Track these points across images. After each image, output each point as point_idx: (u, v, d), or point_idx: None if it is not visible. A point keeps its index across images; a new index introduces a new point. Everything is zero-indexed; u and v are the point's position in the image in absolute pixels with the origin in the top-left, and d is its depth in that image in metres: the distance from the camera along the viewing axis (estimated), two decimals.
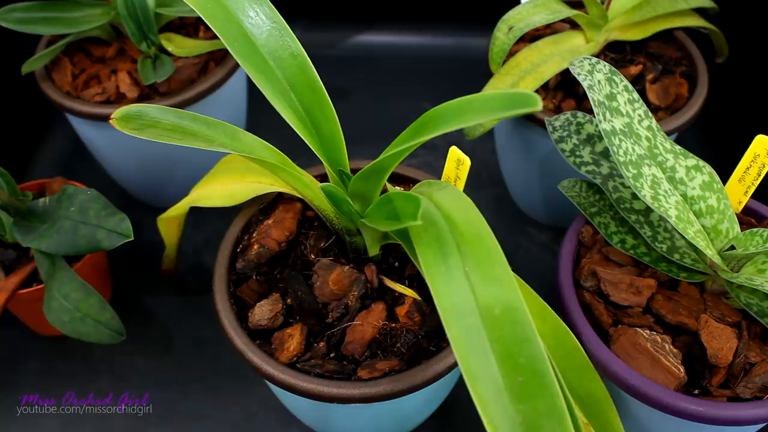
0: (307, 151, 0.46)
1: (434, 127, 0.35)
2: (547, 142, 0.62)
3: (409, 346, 0.45)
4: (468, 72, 0.87)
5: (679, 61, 0.69)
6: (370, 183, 0.42)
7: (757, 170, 0.49)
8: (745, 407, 0.43)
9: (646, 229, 0.49)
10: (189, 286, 0.72)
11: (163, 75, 0.64)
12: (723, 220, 0.48)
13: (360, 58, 0.98)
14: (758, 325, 0.47)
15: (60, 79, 0.69)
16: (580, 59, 0.48)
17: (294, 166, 0.46)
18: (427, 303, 0.47)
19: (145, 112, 0.42)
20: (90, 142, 0.73)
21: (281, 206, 0.53)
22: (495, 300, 0.32)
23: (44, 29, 0.67)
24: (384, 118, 0.88)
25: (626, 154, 0.45)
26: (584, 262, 0.51)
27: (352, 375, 0.44)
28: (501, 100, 0.31)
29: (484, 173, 0.82)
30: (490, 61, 0.63)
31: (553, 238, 0.76)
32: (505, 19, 0.62)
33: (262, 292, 0.49)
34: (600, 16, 0.63)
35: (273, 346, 0.46)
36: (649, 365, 0.45)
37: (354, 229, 0.47)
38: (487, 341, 0.31)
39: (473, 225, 0.36)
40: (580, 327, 0.47)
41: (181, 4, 0.68)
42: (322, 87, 0.45)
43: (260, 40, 0.44)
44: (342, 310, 0.46)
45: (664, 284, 0.50)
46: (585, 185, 0.54)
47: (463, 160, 0.45)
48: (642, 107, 0.49)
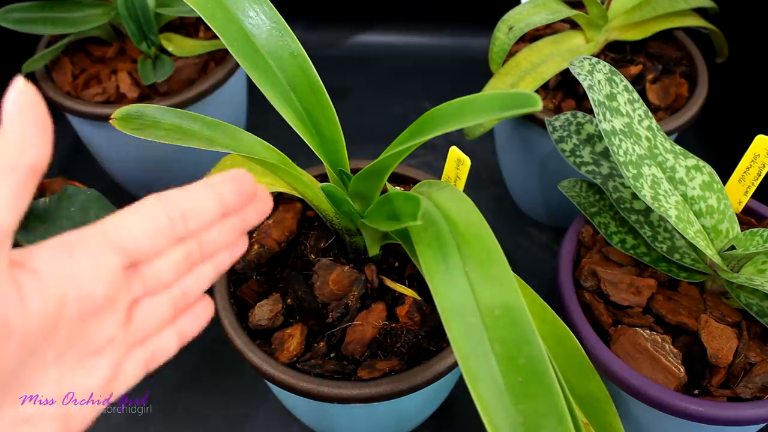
0: (307, 151, 0.46)
1: (434, 127, 0.35)
2: (547, 142, 0.62)
3: (409, 346, 0.45)
4: (468, 72, 0.87)
5: (679, 61, 0.69)
6: (370, 183, 0.42)
7: (757, 170, 0.49)
8: (745, 407, 0.43)
9: (646, 229, 0.49)
10: None
11: (163, 75, 0.64)
12: (723, 220, 0.48)
13: (360, 58, 0.98)
14: (758, 325, 0.47)
15: (60, 79, 0.69)
16: (580, 59, 0.48)
17: (294, 166, 0.46)
18: (427, 303, 0.47)
19: (145, 112, 0.42)
20: (90, 142, 0.73)
21: (281, 206, 0.53)
22: (495, 300, 0.32)
23: (44, 29, 0.67)
24: (384, 118, 0.88)
25: (626, 154, 0.45)
26: (584, 262, 0.51)
27: (352, 375, 0.44)
28: (501, 100, 0.31)
29: (484, 173, 0.82)
30: (490, 61, 0.63)
31: (553, 238, 0.76)
32: (505, 19, 0.62)
33: (262, 292, 0.49)
34: (600, 16, 0.63)
35: (273, 346, 0.46)
36: (649, 365, 0.45)
37: (354, 229, 0.47)
38: (487, 341, 0.31)
39: (473, 225, 0.36)
40: (580, 327, 0.47)
41: (181, 4, 0.68)
42: (322, 87, 0.45)
43: (260, 40, 0.44)
44: (342, 310, 0.46)
45: (664, 284, 0.50)
46: (585, 185, 0.54)
47: (463, 160, 0.45)
48: (642, 107, 0.49)
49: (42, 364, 0.25)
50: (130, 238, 0.27)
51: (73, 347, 0.26)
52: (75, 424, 0.27)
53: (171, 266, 0.29)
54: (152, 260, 0.29)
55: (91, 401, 0.27)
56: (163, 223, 0.28)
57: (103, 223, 0.27)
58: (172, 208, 0.28)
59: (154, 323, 0.30)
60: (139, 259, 0.28)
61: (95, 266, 0.25)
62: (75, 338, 0.26)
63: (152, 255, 0.28)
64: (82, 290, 0.25)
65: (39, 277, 0.24)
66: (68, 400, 0.26)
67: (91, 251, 0.26)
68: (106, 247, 0.26)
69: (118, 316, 0.27)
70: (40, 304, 0.23)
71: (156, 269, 0.29)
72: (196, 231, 0.29)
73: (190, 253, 0.30)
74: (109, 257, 0.26)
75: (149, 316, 0.29)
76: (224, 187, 0.29)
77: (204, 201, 0.29)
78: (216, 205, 0.29)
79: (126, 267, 0.27)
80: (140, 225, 0.27)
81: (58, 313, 0.24)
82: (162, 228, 0.28)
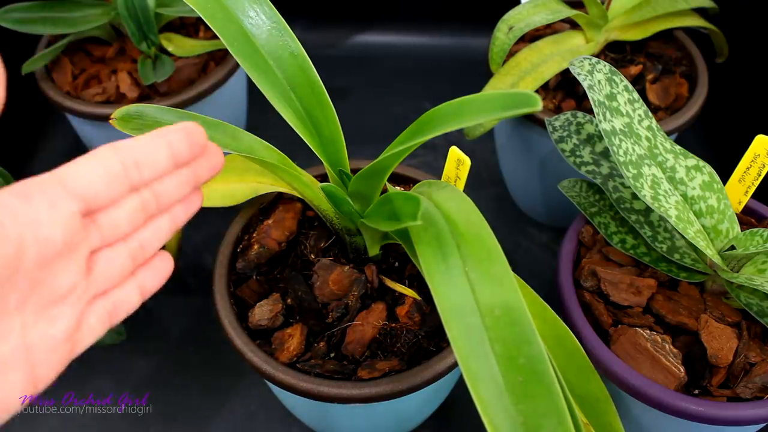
0: (307, 151, 0.46)
1: (434, 127, 0.35)
2: (547, 142, 0.62)
3: (409, 346, 0.45)
4: (468, 72, 0.87)
5: (679, 61, 0.69)
6: (370, 183, 0.42)
7: (757, 170, 0.49)
8: (745, 407, 0.43)
9: (646, 229, 0.49)
10: (189, 286, 0.72)
11: (163, 75, 0.64)
12: (723, 220, 0.48)
13: (360, 58, 0.98)
14: (758, 325, 0.47)
15: (60, 79, 0.69)
16: (580, 59, 0.48)
17: (294, 166, 0.46)
18: (427, 303, 0.47)
19: (145, 112, 0.42)
20: (90, 142, 0.73)
21: (281, 206, 0.53)
22: (495, 300, 0.32)
23: (44, 29, 0.67)
24: (384, 118, 0.88)
25: (626, 154, 0.45)
26: (584, 262, 0.51)
27: (352, 375, 0.44)
28: (501, 100, 0.31)
29: (484, 173, 0.82)
30: (490, 61, 0.63)
31: (553, 238, 0.76)
32: (505, 19, 0.62)
33: (262, 292, 0.49)
34: (600, 16, 0.63)
35: (273, 346, 0.46)
36: (649, 365, 0.45)
37: (354, 229, 0.47)
38: (487, 341, 0.31)
39: (473, 225, 0.36)
40: (580, 327, 0.47)
41: (181, 4, 0.68)
42: (322, 87, 0.45)
43: (260, 40, 0.44)
44: (342, 310, 0.46)
45: (664, 284, 0.50)
46: (585, 185, 0.54)
47: (463, 160, 0.45)
48: (642, 107, 0.49)
49: (4, 310, 0.26)
50: (87, 184, 0.28)
51: (34, 293, 0.27)
52: (42, 373, 0.27)
53: (127, 216, 0.30)
54: (108, 209, 0.30)
55: (56, 351, 0.28)
56: (118, 169, 0.29)
57: (59, 170, 0.28)
58: (125, 156, 0.29)
59: (114, 274, 0.31)
60: (96, 206, 0.29)
61: (53, 211, 0.26)
62: (36, 284, 0.26)
63: (108, 202, 0.29)
64: (41, 234, 0.26)
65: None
66: (33, 349, 0.27)
67: (48, 197, 0.27)
68: (63, 193, 0.27)
69: (78, 264, 0.28)
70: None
71: (113, 218, 0.30)
72: (150, 180, 0.30)
73: (146, 203, 0.31)
74: (66, 202, 0.27)
75: (109, 267, 0.30)
76: (174, 136, 0.31)
77: (155, 149, 0.30)
78: (167, 153, 0.31)
79: (83, 214, 0.28)
80: (96, 171, 0.28)
81: (17, 257, 0.25)
82: (116, 174, 0.29)
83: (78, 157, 0.29)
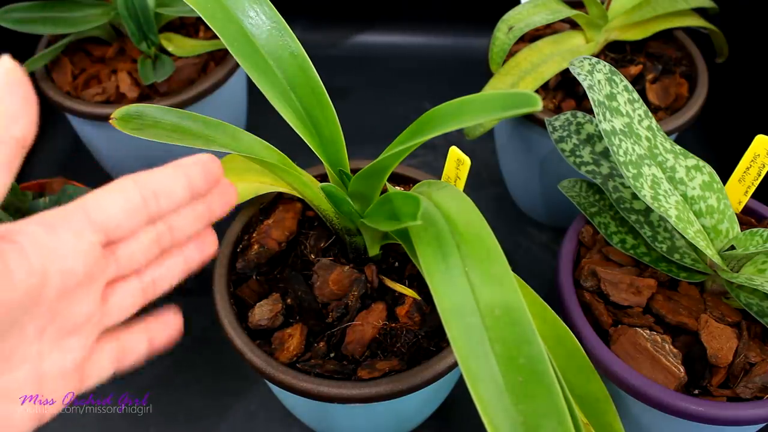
0: (307, 151, 0.46)
1: (434, 127, 0.35)
2: (547, 142, 0.62)
3: (409, 346, 0.45)
4: (468, 72, 0.87)
5: (679, 61, 0.69)
6: (370, 183, 0.42)
7: (757, 170, 0.49)
8: (745, 407, 0.43)
9: (646, 229, 0.49)
10: (189, 286, 0.72)
11: (163, 75, 0.64)
12: (723, 220, 0.48)
13: (360, 58, 0.98)
14: (758, 325, 0.47)
15: (60, 79, 0.69)
16: (580, 59, 0.48)
17: (294, 166, 0.46)
18: (427, 303, 0.47)
19: (145, 112, 0.42)
20: (90, 142, 0.73)
21: (281, 206, 0.53)
22: (495, 300, 0.32)
23: (44, 29, 0.67)
24: (384, 118, 0.88)
25: (626, 154, 0.45)
26: (584, 262, 0.51)
27: (352, 375, 0.44)
28: (501, 100, 0.31)
29: (484, 173, 0.82)
30: (490, 61, 0.63)
31: (553, 238, 0.76)
32: (505, 19, 0.62)
33: (262, 292, 0.49)
34: (600, 16, 0.63)
35: (273, 346, 0.46)
36: (649, 365, 0.45)
37: (354, 229, 0.47)
38: (487, 341, 0.31)
39: (473, 225, 0.36)
40: (580, 327, 0.47)
41: (181, 4, 0.68)
42: (322, 87, 0.45)
43: (260, 40, 0.44)
44: (342, 310, 0.46)
45: (664, 284, 0.50)
46: (585, 185, 0.54)
47: (463, 160, 0.45)
48: (642, 107, 0.49)
49: (22, 338, 0.26)
50: (109, 216, 0.28)
51: (53, 323, 0.27)
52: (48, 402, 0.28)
53: (143, 248, 0.31)
54: (126, 240, 0.30)
55: (65, 380, 0.28)
56: (138, 201, 0.29)
57: (83, 201, 0.28)
58: (145, 187, 0.29)
59: (126, 306, 0.31)
60: (116, 237, 0.29)
61: (77, 243, 0.27)
62: (55, 314, 0.27)
63: (127, 234, 0.29)
64: (64, 265, 0.26)
65: (24, 251, 0.25)
66: (45, 377, 0.27)
67: (73, 228, 0.27)
68: (87, 224, 0.27)
69: (96, 294, 0.29)
70: (24, 276, 0.24)
71: (129, 250, 0.30)
72: (167, 210, 0.31)
73: (161, 235, 0.31)
74: (89, 234, 0.27)
75: (123, 299, 0.31)
76: (192, 169, 0.31)
77: (174, 180, 0.30)
78: (184, 183, 0.31)
79: (102, 245, 0.28)
80: (118, 203, 0.28)
81: (40, 287, 0.25)
82: (136, 206, 0.29)
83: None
